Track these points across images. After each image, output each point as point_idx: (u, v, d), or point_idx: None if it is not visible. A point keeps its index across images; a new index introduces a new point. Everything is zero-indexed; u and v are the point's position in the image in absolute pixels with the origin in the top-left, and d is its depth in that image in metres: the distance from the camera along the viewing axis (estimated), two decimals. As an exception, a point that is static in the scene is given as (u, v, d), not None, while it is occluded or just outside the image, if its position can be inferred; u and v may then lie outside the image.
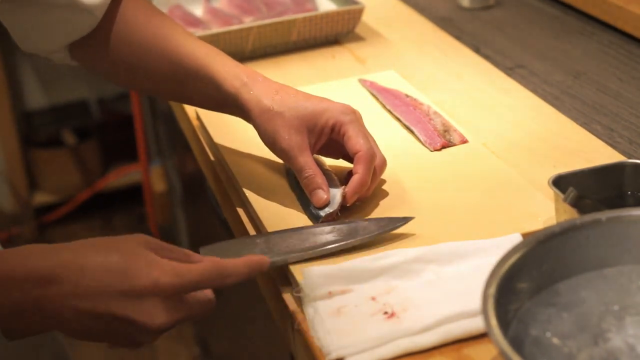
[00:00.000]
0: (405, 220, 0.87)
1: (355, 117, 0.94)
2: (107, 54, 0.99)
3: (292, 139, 0.92)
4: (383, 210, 0.92)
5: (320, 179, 0.91)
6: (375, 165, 0.92)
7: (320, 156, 0.98)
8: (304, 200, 0.92)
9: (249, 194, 0.96)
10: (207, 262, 0.77)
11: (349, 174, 0.93)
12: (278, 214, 0.92)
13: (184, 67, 0.96)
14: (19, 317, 0.74)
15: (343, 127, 0.92)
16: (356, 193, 0.90)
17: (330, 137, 0.94)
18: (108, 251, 0.75)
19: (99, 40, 0.99)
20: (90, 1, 0.95)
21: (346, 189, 0.91)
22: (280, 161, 0.98)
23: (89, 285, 0.73)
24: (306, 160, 0.92)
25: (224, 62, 0.95)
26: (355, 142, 0.91)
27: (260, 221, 0.92)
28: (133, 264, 0.74)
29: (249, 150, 1.04)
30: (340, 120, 0.93)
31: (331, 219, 0.89)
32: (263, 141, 0.95)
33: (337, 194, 0.91)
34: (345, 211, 0.91)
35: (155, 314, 0.73)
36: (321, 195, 0.91)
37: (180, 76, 0.97)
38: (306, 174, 0.92)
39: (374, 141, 0.94)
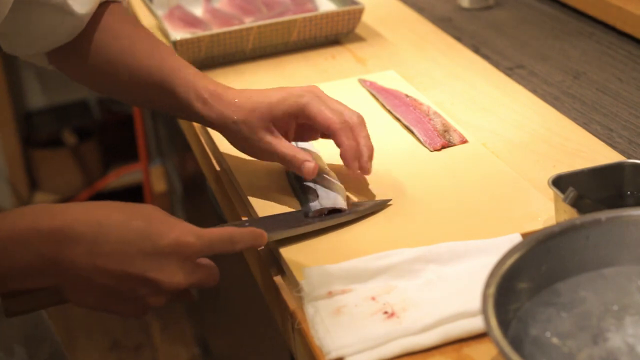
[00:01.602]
0: (385, 201, 0.91)
1: (313, 95, 0.94)
2: (84, 61, 1.01)
3: (262, 140, 0.93)
4: (382, 210, 0.92)
5: (302, 155, 0.92)
6: (352, 125, 0.93)
7: (320, 161, 0.99)
8: (304, 200, 0.92)
9: (249, 193, 0.96)
10: (220, 229, 0.79)
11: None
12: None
13: (150, 82, 0.98)
14: (29, 277, 0.73)
15: (305, 110, 0.93)
16: (354, 160, 0.92)
17: (298, 122, 0.95)
18: (127, 211, 0.76)
19: (77, 48, 1.00)
20: (79, 9, 0.96)
21: (344, 163, 0.92)
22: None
23: (108, 242, 0.73)
24: (282, 149, 0.93)
25: (186, 81, 0.97)
26: (321, 119, 0.92)
27: (261, 221, 0.92)
28: (154, 223, 0.75)
29: (249, 150, 1.04)
30: (299, 104, 0.93)
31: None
32: (239, 149, 0.97)
33: (338, 194, 0.91)
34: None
35: (173, 273, 0.75)
36: (308, 165, 0.91)
37: (148, 89, 0.99)
38: (288, 158, 0.93)
39: (341, 104, 0.95)
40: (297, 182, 0.95)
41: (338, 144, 0.93)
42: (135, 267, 0.74)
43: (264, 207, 0.93)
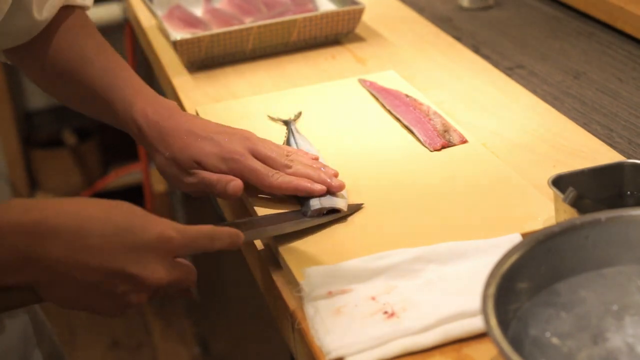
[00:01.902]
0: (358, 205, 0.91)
1: (245, 152, 0.92)
2: (38, 65, 1.01)
3: (191, 178, 0.93)
4: (382, 209, 0.92)
5: (225, 177, 0.91)
6: (294, 172, 0.92)
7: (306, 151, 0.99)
8: (303, 201, 0.92)
9: (248, 193, 0.96)
10: (201, 226, 0.78)
11: None
12: (278, 214, 0.92)
13: (96, 97, 0.99)
14: (5, 274, 0.70)
15: (235, 173, 0.92)
16: (313, 184, 0.91)
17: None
18: (106, 206, 0.74)
19: (33, 50, 1.00)
20: (39, 15, 0.96)
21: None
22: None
23: (89, 236, 0.71)
24: (204, 175, 0.92)
25: (126, 103, 0.97)
26: (262, 186, 0.92)
27: (261, 221, 0.92)
28: (135, 219, 0.74)
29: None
30: (230, 167, 0.92)
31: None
32: (168, 183, 0.98)
33: (339, 196, 0.92)
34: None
35: (155, 269, 0.73)
36: (234, 184, 0.90)
37: (93, 103, 1.01)
38: (213, 182, 0.91)
39: (274, 149, 0.94)
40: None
41: (292, 193, 0.92)
42: (117, 262, 0.71)
43: (263, 207, 0.93)
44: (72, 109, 1.09)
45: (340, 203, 0.90)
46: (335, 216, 0.90)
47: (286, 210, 0.92)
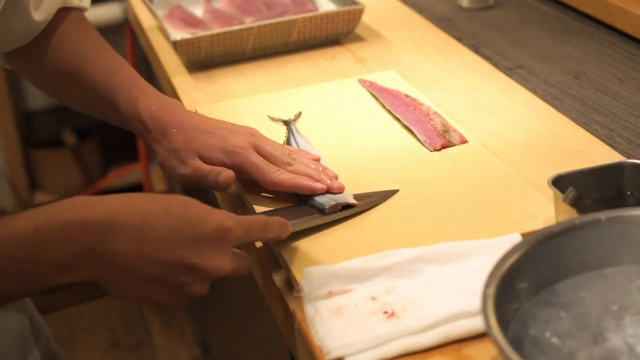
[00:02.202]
0: (393, 192, 0.93)
1: (248, 147, 0.93)
2: (38, 66, 1.02)
3: (186, 169, 0.93)
4: (382, 209, 0.92)
5: (217, 168, 0.91)
6: (296, 169, 0.93)
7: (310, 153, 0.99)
8: (304, 199, 0.92)
9: (248, 193, 0.96)
10: (255, 216, 0.80)
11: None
12: (278, 214, 0.92)
13: (98, 96, 0.99)
14: (73, 271, 0.71)
15: (238, 167, 0.92)
16: (318, 182, 0.92)
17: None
18: (165, 199, 0.75)
19: (32, 52, 1.01)
20: (37, 17, 0.96)
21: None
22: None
23: (152, 230, 0.72)
24: (197, 165, 0.92)
25: (130, 100, 0.97)
26: (262, 182, 0.92)
27: (261, 221, 0.92)
28: (193, 210, 0.75)
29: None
30: (233, 162, 0.92)
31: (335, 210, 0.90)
32: (165, 174, 0.97)
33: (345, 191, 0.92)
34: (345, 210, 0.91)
35: (216, 259, 0.75)
36: (225, 174, 0.91)
37: (96, 102, 1.01)
38: (204, 173, 0.92)
39: (277, 147, 0.95)
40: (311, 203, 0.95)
41: (293, 191, 0.92)
42: (179, 254, 0.73)
43: (264, 207, 0.93)
44: (73, 109, 1.09)
45: (351, 198, 0.91)
46: (350, 211, 0.90)
47: (289, 205, 0.92)
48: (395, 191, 0.93)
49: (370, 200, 0.92)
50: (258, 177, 0.92)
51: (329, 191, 0.91)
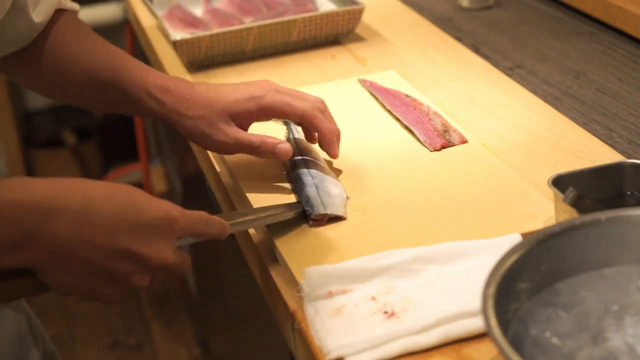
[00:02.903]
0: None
1: (273, 91, 0.94)
2: (36, 68, 1.01)
3: (223, 133, 0.93)
4: (382, 209, 0.92)
5: (271, 139, 0.93)
6: (322, 109, 0.95)
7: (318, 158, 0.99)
8: (302, 198, 0.92)
9: (248, 194, 0.96)
10: (197, 211, 0.78)
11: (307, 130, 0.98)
12: (278, 214, 0.92)
13: (104, 85, 0.98)
14: (9, 252, 0.69)
15: (270, 109, 0.93)
16: (335, 141, 0.94)
17: (258, 119, 0.96)
18: (110, 186, 0.73)
19: (29, 54, 1.00)
20: (36, 18, 0.96)
21: (322, 147, 0.95)
22: (281, 162, 0.98)
23: (95, 214, 0.70)
24: (244, 139, 0.93)
25: (136, 80, 0.97)
26: (291, 111, 0.93)
27: (261, 221, 0.92)
28: (138, 197, 0.73)
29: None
30: (261, 104, 0.93)
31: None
32: (198, 143, 0.96)
33: (339, 195, 0.92)
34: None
35: (161, 249, 0.73)
36: (282, 146, 0.92)
37: (102, 92, 0.99)
38: (256, 145, 0.93)
39: (300, 92, 0.96)
40: (296, 182, 0.95)
41: (315, 129, 0.94)
42: (123, 241, 0.71)
43: (261, 203, 0.93)
44: (78, 106, 1.08)
45: (342, 210, 0.90)
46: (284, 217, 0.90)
47: (282, 203, 0.92)
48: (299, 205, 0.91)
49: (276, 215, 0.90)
50: (289, 110, 0.93)
51: (321, 198, 0.91)
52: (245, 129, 0.97)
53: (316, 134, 0.96)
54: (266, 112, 0.94)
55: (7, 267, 0.70)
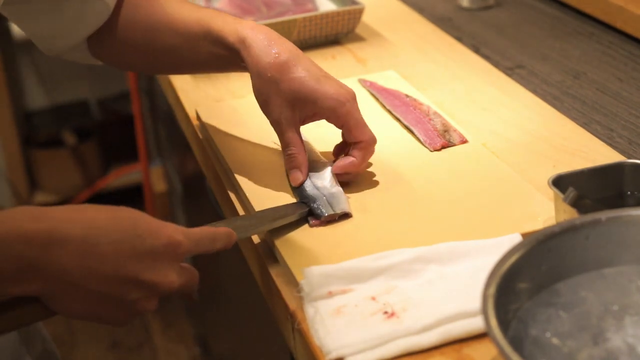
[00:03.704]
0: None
1: (353, 104, 0.93)
2: (123, 41, 1.01)
3: (282, 113, 0.93)
4: (382, 209, 0.92)
5: (302, 159, 0.93)
6: (373, 146, 0.95)
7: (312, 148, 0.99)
8: (305, 198, 0.92)
9: (248, 194, 0.96)
10: (202, 228, 0.79)
11: (337, 147, 0.98)
12: (278, 214, 0.92)
13: (191, 36, 0.97)
14: (13, 284, 0.68)
15: (341, 118, 0.93)
16: (344, 170, 0.94)
17: (320, 119, 0.96)
18: (113, 212, 0.72)
19: (113, 29, 1.00)
20: None
21: (337, 163, 0.94)
22: (281, 162, 0.98)
23: (100, 244, 0.69)
24: (293, 137, 0.93)
25: (225, 21, 0.96)
26: (356, 133, 0.93)
27: (261, 221, 0.92)
28: (143, 224, 0.72)
29: (249, 151, 1.04)
30: (337, 113, 0.92)
31: (332, 219, 0.90)
32: (257, 101, 0.95)
33: (341, 196, 0.92)
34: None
35: (167, 274, 0.73)
36: (297, 175, 0.93)
37: (189, 44, 0.98)
38: (290, 151, 0.94)
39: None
40: (300, 190, 0.94)
41: (352, 155, 0.94)
42: (128, 269, 0.70)
43: (263, 207, 0.93)
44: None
45: (347, 207, 0.90)
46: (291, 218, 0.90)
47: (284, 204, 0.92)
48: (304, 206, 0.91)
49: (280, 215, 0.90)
50: (355, 129, 0.93)
51: (325, 196, 0.91)
52: (304, 123, 0.96)
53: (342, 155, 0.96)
54: (337, 117, 0.93)
55: (14, 296, 0.70)
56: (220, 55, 0.98)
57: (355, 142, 0.94)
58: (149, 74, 1.07)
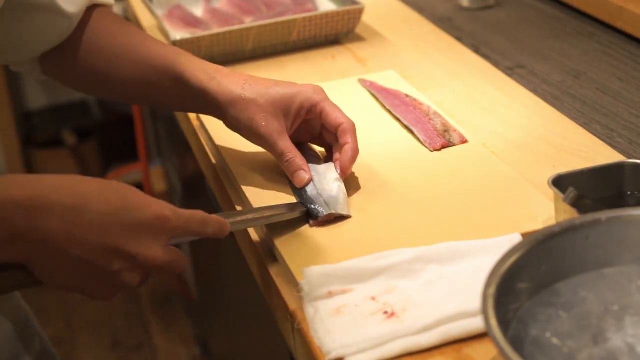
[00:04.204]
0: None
1: (325, 95, 0.96)
2: (78, 63, 1.00)
3: (269, 125, 0.93)
4: (383, 209, 0.92)
5: (300, 161, 0.94)
6: (354, 128, 0.96)
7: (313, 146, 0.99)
8: (304, 199, 0.92)
9: (248, 194, 0.96)
10: (193, 210, 0.79)
11: (330, 150, 0.98)
12: (278, 214, 0.92)
13: (154, 70, 0.98)
14: None
15: (318, 106, 0.95)
16: (353, 161, 0.94)
17: (305, 118, 0.96)
18: (103, 184, 0.73)
19: (69, 50, 1.00)
20: (69, 8, 0.96)
21: (342, 159, 0.94)
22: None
23: (87, 212, 0.71)
24: (285, 144, 0.94)
25: (191, 61, 0.97)
26: (335, 117, 0.95)
27: (261, 221, 0.92)
28: (132, 197, 0.74)
29: (249, 150, 1.04)
30: (314, 100, 0.95)
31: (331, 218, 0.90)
32: (238, 132, 0.96)
33: (341, 192, 0.92)
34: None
35: (151, 248, 0.73)
36: (303, 175, 0.93)
37: (151, 79, 0.98)
38: (287, 158, 0.94)
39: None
40: (301, 191, 0.94)
41: (343, 142, 0.94)
42: (114, 240, 0.71)
43: (261, 203, 0.93)
44: (116, 100, 1.07)
45: (346, 210, 0.90)
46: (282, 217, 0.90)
47: (282, 204, 0.92)
48: (300, 205, 0.91)
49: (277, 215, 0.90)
50: (332, 114, 0.95)
51: (323, 197, 0.91)
52: (291, 131, 0.96)
53: (337, 153, 0.96)
54: (316, 111, 0.95)
55: (1, 261, 0.71)
56: (181, 95, 0.98)
57: (337, 126, 0.95)
58: (94, 96, 1.07)
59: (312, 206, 0.90)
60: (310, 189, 0.92)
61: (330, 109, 0.95)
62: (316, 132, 0.99)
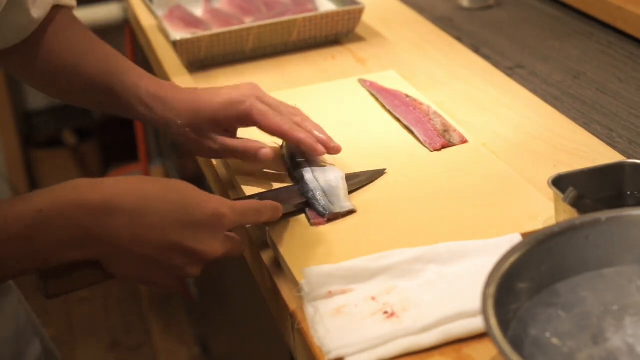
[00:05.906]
0: (381, 171, 0.97)
1: (254, 97, 0.96)
2: (35, 65, 1.02)
3: (209, 139, 0.96)
4: (383, 209, 0.92)
5: (252, 143, 0.95)
6: (297, 121, 0.97)
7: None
8: (305, 193, 0.92)
9: (248, 194, 0.96)
10: (248, 201, 0.85)
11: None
12: (278, 214, 0.92)
13: (98, 88, 1.01)
14: (70, 250, 0.75)
15: (249, 116, 0.96)
16: (317, 145, 0.96)
17: (242, 125, 0.98)
18: (163, 184, 0.79)
19: (28, 50, 1.01)
20: (35, 12, 0.97)
21: (310, 153, 0.96)
22: (281, 162, 0.98)
23: (147, 214, 0.76)
24: (231, 143, 0.96)
25: (129, 85, 0.99)
26: (267, 124, 0.96)
27: (261, 221, 0.92)
28: (190, 196, 0.79)
29: (249, 150, 1.04)
30: (241, 110, 0.95)
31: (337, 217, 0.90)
32: (187, 144, 0.99)
33: (343, 189, 0.92)
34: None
35: (210, 244, 0.79)
36: (263, 151, 0.94)
37: (96, 94, 1.02)
38: (241, 150, 0.95)
39: (277, 100, 0.99)
40: (301, 182, 0.94)
41: (295, 142, 0.96)
42: (173, 238, 0.77)
43: (253, 190, 0.93)
44: (72, 104, 1.11)
45: (350, 205, 0.91)
46: (356, 185, 0.95)
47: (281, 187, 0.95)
48: (382, 171, 0.97)
49: (358, 181, 0.95)
50: (263, 122, 0.95)
51: (327, 196, 0.91)
52: (233, 134, 0.99)
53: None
54: (244, 119, 0.96)
55: (73, 261, 0.77)
56: (122, 110, 1.01)
57: (275, 133, 0.96)
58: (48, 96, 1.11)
59: (311, 195, 0.91)
60: (317, 191, 0.92)
61: (260, 117, 0.95)
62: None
